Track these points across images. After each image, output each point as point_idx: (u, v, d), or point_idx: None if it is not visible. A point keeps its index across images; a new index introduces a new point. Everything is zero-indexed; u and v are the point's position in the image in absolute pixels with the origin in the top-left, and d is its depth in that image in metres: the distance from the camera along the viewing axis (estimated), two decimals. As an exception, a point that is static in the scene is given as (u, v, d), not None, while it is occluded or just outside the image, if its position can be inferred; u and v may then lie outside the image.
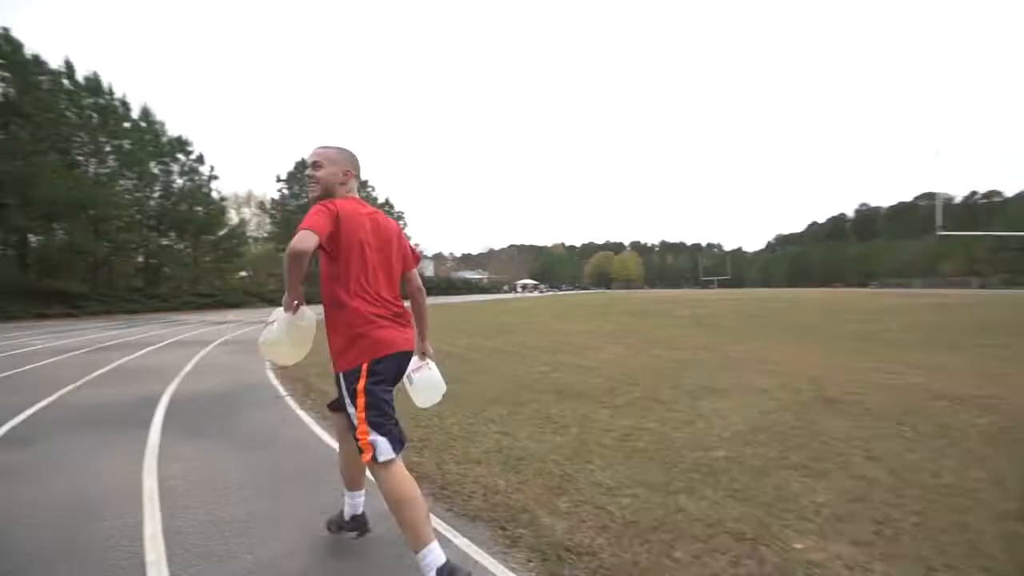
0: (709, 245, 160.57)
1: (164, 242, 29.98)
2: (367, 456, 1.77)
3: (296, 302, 1.89)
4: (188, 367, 7.10)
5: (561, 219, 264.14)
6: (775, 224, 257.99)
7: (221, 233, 33.20)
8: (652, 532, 2.18)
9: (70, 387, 5.69)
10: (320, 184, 1.98)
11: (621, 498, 2.52)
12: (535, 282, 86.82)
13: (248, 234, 40.35)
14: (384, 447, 1.77)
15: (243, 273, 39.40)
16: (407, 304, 2.16)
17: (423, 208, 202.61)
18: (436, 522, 2.26)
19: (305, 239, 1.68)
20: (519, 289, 79.80)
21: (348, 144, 2.15)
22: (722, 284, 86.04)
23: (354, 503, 2.15)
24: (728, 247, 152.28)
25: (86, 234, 23.66)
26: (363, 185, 2.47)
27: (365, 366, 1.83)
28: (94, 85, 25.86)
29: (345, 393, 1.86)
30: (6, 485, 2.82)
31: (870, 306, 20.50)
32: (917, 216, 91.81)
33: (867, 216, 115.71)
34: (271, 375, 6.48)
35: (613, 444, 3.39)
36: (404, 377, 2.09)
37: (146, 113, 28.72)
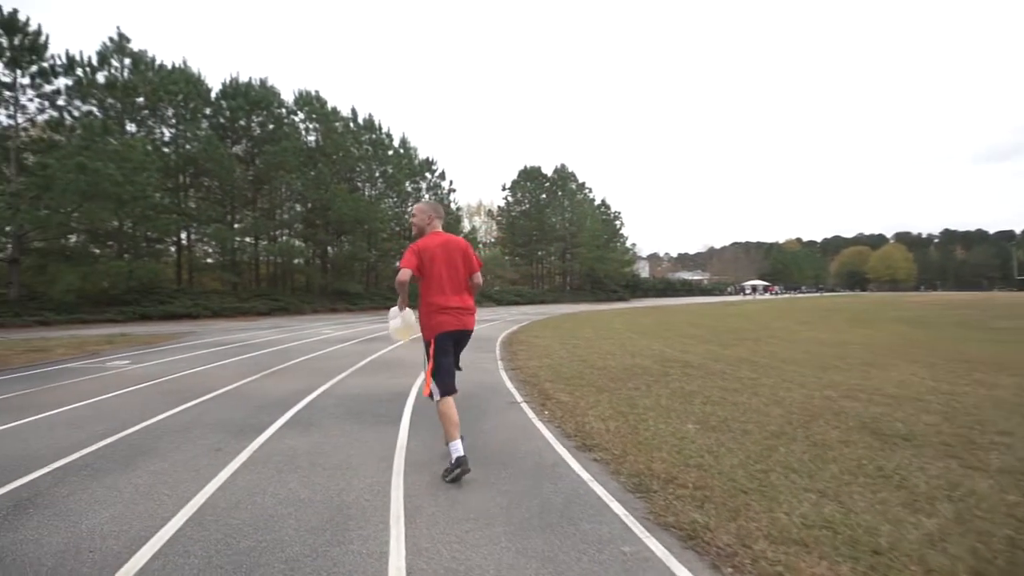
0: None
1: (416, 250, 35.28)
2: (426, 392, 3.01)
3: (405, 306, 3.09)
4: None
5: (795, 211, 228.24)
6: None
7: (457, 240, 37.61)
8: None
9: (343, 374, 6.43)
10: (416, 226, 3.21)
11: None
12: (765, 283, 76.32)
13: (478, 240, 44.81)
14: (437, 392, 2.98)
15: (473, 275, 43.94)
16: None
17: (639, 207, 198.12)
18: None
19: (403, 275, 2.89)
20: (747, 291, 71.21)
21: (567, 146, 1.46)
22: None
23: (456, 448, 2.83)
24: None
25: (362, 245, 29.26)
26: (580, 188, 32.43)
27: (433, 340, 3.01)
28: (369, 124, 31.91)
29: (424, 354, 3.12)
30: (283, 475, 2.90)
31: None
32: None
33: None
34: (505, 376, 6.35)
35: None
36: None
37: (404, 141, 34.29)
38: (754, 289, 70.54)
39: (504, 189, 46.61)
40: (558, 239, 45.91)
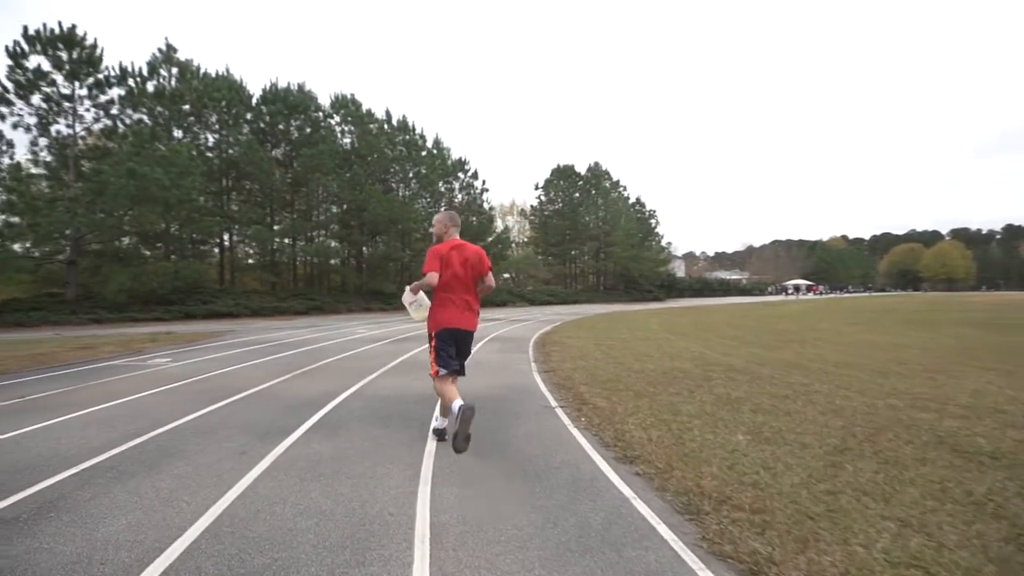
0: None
1: (449, 249, 35.41)
2: (432, 372, 3.36)
3: (420, 290, 3.38)
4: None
5: (840, 208, 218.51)
6: None
7: (489, 239, 37.50)
8: None
9: (374, 375, 6.34)
10: (435, 234, 3.54)
11: None
12: (808, 283, 73.24)
13: (511, 240, 44.69)
14: (440, 370, 3.32)
15: (506, 275, 43.86)
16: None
17: (675, 206, 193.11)
18: None
19: (432, 278, 3.25)
20: (789, 290, 68.52)
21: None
22: None
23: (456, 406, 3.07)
24: None
25: (396, 245, 29.57)
26: (614, 186, 39.87)
27: (434, 333, 3.39)
28: (403, 125, 32.22)
29: (428, 340, 3.48)
30: (306, 483, 2.77)
31: None
32: None
33: None
34: (539, 379, 6.12)
35: None
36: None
37: (437, 142, 34.49)
38: (797, 289, 67.76)
39: (537, 188, 46.36)
40: (592, 238, 45.30)
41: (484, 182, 36.66)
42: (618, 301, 41.51)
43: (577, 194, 45.62)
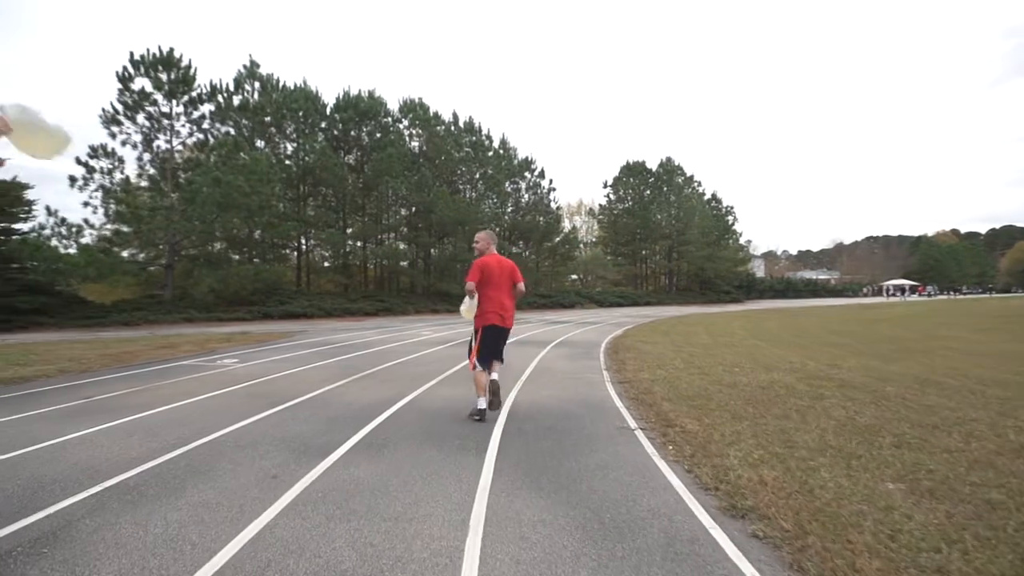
0: None
1: (515, 250, 35.13)
2: (471, 366, 4.19)
3: (474, 296, 4.12)
4: (528, 370, 6.80)
5: (947, 199, 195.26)
6: None
7: (556, 240, 36.79)
8: None
9: (432, 382, 5.91)
10: (478, 249, 4.36)
11: None
12: (912, 283, 65.74)
13: (579, 240, 43.66)
14: (478, 366, 4.13)
15: (573, 276, 42.90)
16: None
17: (754, 201, 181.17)
18: None
19: (471, 287, 4.07)
20: (888, 291, 61.94)
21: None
22: None
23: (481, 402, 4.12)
24: None
25: (463, 246, 29.65)
26: (688, 182, 44.68)
27: (480, 329, 4.16)
28: (470, 127, 32.36)
29: (472, 336, 4.26)
30: (333, 523, 2.28)
31: None
32: None
33: None
34: (613, 391, 5.40)
35: None
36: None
37: (503, 142, 34.33)
38: (901, 290, 60.97)
39: (606, 186, 44.99)
40: (664, 237, 43.23)
41: (551, 181, 36.05)
42: (692, 303, 39.30)
43: (648, 191, 43.76)
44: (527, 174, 34.90)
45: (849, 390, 5.24)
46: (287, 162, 25.25)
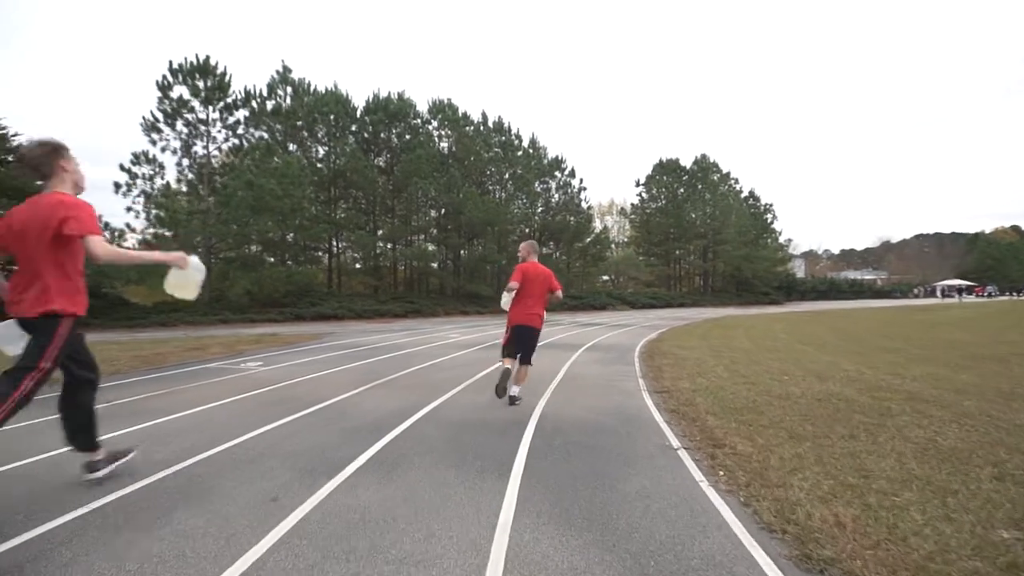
0: None
1: (545, 251, 34.69)
2: (502, 358, 4.81)
3: (512, 292, 4.76)
4: (558, 376, 6.41)
5: (1006, 193, 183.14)
6: None
7: (587, 240, 36.14)
8: None
9: (456, 389, 5.59)
10: (521, 256, 4.97)
11: None
12: (969, 283, 61.87)
13: (610, 240, 42.82)
14: (506, 358, 4.71)
15: (604, 277, 42.11)
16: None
17: (794, 199, 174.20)
18: None
19: (513, 285, 4.69)
20: (945, 292, 58.51)
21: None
22: None
23: (514, 390, 4.73)
24: None
25: (492, 247, 29.41)
26: (724, 179, 43.55)
27: (511, 327, 4.82)
28: (499, 126, 32.12)
29: (505, 332, 4.96)
30: (328, 563, 1.97)
31: None
32: None
33: None
34: (650, 401, 4.96)
35: None
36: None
37: (533, 141, 33.94)
38: (959, 291, 57.39)
39: (638, 185, 44.06)
40: (698, 236, 41.98)
41: (581, 180, 35.44)
42: (728, 304, 37.98)
43: (682, 189, 42.58)
44: (557, 173, 34.40)
45: (920, 404, 4.64)
46: (318, 165, 25.57)
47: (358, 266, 28.80)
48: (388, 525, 2.30)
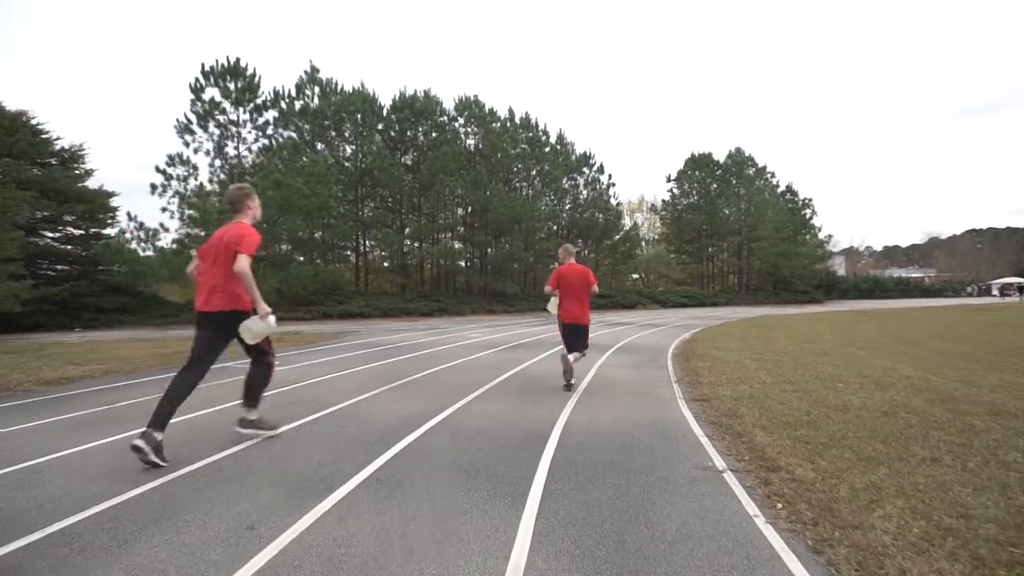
0: None
1: (572, 249, 34.02)
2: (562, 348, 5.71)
3: (555, 296, 5.69)
4: (585, 381, 5.94)
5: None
6: None
7: (617, 237, 35.30)
8: None
9: (474, 394, 5.20)
10: (560, 259, 5.79)
11: None
12: (1025, 281, 57.87)
13: (640, 237, 41.77)
14: (563, 349, 5.58)
15: (634, 276, 41.12)
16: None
17: (833, 193, 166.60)
18: None
19: (548, 290, 5.65)
20: (1006, 291, 54.93)
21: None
22: None
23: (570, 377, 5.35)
24: None
25: (519, 245, 28.97)
26: (759, 173, 41.85)
27: (560, 324, 5.63)
28: (526, 123, 31.63)
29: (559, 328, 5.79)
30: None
31: None
32: None
33: None
34: (687, 411, 4.44)
35: None
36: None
37: (560, 137, 33.33)
38: (1020, 289, 53.68)
39: (669, 180, 42.71)
40: (732, 233, 40.48)
41: (610, 176, 34.67)
42: (764, 303, 36.50)
43: (715, 185, 41.12)
44: (585, 169, 33.68)
45: (1009, 419, 3.99)
46: (346, 164, 25.66)
47: (385, 264, 28.82)
48: (376, 565, 1.91)
